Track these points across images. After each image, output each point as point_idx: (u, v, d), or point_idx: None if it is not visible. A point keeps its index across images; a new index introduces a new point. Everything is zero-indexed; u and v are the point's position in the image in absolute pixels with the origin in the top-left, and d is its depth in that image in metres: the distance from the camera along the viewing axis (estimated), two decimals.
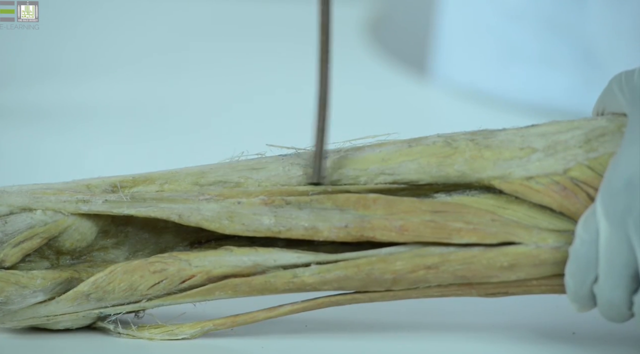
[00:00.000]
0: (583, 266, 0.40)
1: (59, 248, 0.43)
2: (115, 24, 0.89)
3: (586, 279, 0.41)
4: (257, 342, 0.45)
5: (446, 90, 0.75)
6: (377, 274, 0.43)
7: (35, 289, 0.42)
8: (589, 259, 0.40)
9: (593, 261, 0.40)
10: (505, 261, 0.42)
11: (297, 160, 0.44)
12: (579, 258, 0.41)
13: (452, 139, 0.43)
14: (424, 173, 0.43)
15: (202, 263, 0.43)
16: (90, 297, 0.43)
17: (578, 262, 0.41)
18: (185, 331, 0.44)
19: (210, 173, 0.45)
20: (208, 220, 0.43)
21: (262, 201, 0.43)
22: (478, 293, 0.43)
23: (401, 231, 0.42)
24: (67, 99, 0.71)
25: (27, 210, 0.43)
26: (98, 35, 0.86)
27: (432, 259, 0.42)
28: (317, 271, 0.43)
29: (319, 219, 0.43)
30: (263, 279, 0.43)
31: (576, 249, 0.41)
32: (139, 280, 0.43)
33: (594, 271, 0.41)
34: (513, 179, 0.43)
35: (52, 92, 0.72)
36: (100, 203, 0.43)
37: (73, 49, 0.82)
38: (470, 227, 0.42)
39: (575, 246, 0.41)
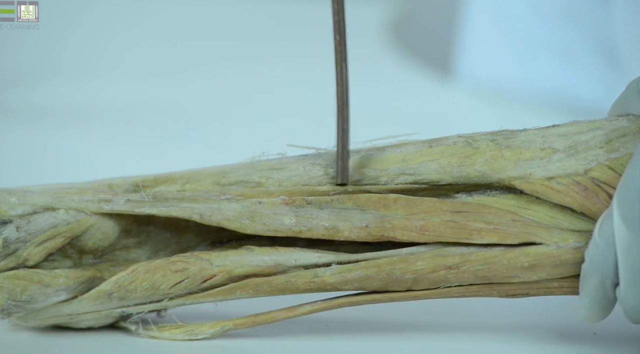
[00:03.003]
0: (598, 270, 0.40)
1: (82, 247, 0.44)
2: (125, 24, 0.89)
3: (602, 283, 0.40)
4: (278, 342, 0.45)
5: (468, 89, 0.75)
6: (398, 274, 0.43)
7: (58, 288, 0.43)
8: (605, 264, 0.40)
9: (609, 265, 0.40)
10: (526, 262, 0.42)
11: (318, 160, 0.44)
12: (594, 262, 0.40)
13: (473, 140, 0.43)
14: (445, 173, 0.43)
15: (224, 263, 0.43)
16: (113, 296, 0.43)
17: (592, 266, 0.40)
18: (205, 331, 0.44)
19: (231, 173, 0.45)
20: (229, 220, 0.43)
21: (283, 201, 0.43)
22: (499, 294, 0.43)
23: (422, 231, 0.42)
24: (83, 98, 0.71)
25: (50, 209, 0.43)
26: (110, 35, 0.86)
27: (453, 260, 0.42)
28: (338, 271, 0.43)
29: (340, 219, 0.43)
30: (284, 278, 0.43)
31: (591, 253, 0.41)
32: (161, 279, 0.43)
33: (611, 276, 0.40)
34: (534, 179, 0.42)
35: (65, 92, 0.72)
36: (123, 203, 0.43)
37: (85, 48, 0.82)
38: (490, 228, 0.42)
39: (589, 250, 0.41)
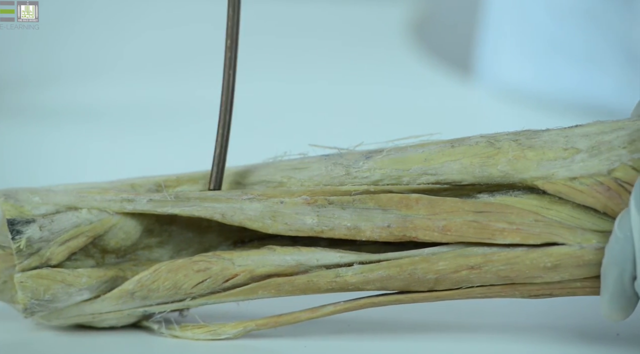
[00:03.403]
0: (617, 264, 0.40)
1: (104, 247, 0.44)
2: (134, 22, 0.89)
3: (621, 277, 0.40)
4: (300, 342, 0.45)
5: (491, 90, 0.74)
6: (420, 274, 0.43)
7: (80, 288, 0.43)
8: (623, 257, 0.40)
9: (628, 258, 0.40)
10: (548, 262, 0.42)
11: (340, 160, 0.44)
12: (613, 256, 0.40)
13: (495, 140, 0.43)
14: (467, 173, 0.43)
15: (246, 262, 0.43)
16: (135, 295, 0.43)
17: (612, 259, 0.40)
18: (227, 331, 0.44)
19: (253, 173, 0.45)
20: (251, 219, 0.43)
21: (304, 200, 0.43)
22: (521, 294, 0.43)
23: (444, 231, 0.42)
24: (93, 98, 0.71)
25: (73, 209, 0.43)
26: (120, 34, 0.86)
27: (475, 260, 0.42)
28: (359, 271, 0.43)
29: (362, 219, 0.43)
30: (306, 278, 0.43)
31: (610, 247, 0.40)
32: (183, 279, 0.43)
33: (630, 270, 0.40)
34: (556, 179, 0.42)
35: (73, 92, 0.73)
36: (145, 202, 0.43)
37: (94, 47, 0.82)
38: (513, 228, 0.42)
39: (609, 244, 0.41)
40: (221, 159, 0.43)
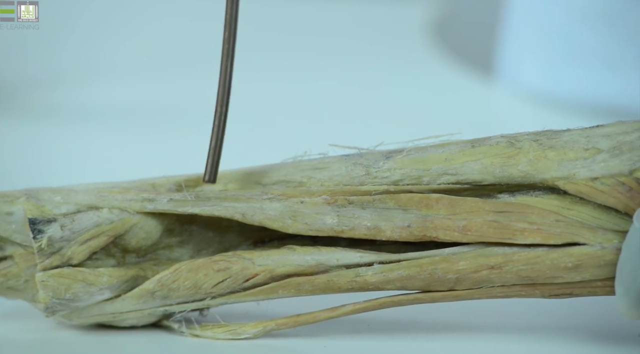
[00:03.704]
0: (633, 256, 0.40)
1: (125, 246, 0.44)
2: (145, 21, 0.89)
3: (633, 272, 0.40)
4: (319, 342, 0.45)
5: (511, 91, 0.74)
6: (440, 274, 0.43)
7: (101, 287, 0.43)
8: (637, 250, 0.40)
9: None
10: (569, 262, 0.42)
11: (360, 160, 0.44)
12: (630, 248, 0.40)
13: (516, 140, 0.43)
14: (487, 173, 0.43)
15: (266, 262, 0.43)
16: (156, 295, 0.43)
17: (628, 252, 0.40)
18: (247, 331, 0.44)
19: (273, 172, 0.45)
20: (271, 219, 0.43)
21: (324, 200, 0.43)
22: (542, 294, 0.43)
23: (464, 231, 0.42)
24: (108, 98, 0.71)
25: (93, 208, 0.43)
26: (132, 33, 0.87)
27: (496, 260, 0.42)
28: (379, 271, 0.43)
29: (382, 219, 0.43)
30: (326, 278, 0.43)
31: (628, 240, 0.40)
32: (203, 278, 0.43)
33: None
34: (578, 179, 0.42)
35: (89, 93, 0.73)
36: (165, 202, 0.43)
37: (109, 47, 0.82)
38: (534, 228, 0.42)
39: (627, 238, 0.40)
40: (217, 151, 0.42)
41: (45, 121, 0.69)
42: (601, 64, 0.73)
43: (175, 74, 0.78)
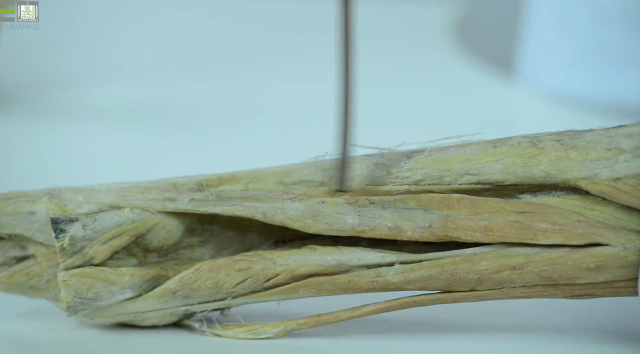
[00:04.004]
0: None
1: (147, 246, 0.44)
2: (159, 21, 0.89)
3: None
4: (340, 341, 0.45)
5: (533, 91, 0.74)
6: (462, 274, 0.42)
7: (123, 286, 0.43)
8: None
9: None
10: (591, 263, 0.42)
11: (381, 160, 0.44)
12: None
13: (538, 140, 0.43)
14: (509, 173, 0.43)
15: (287, 262, 0.43)
16: (177, 294, 0.43)
17: None
18: (268, 331, 0.44)
19: (294, 172, 0.45)
20: (292, 219, 0.43)
21: (346, 200, 0.43)
22: (563, 295, 0.43)
23: (486, 231, 0.42)
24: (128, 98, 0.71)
25: (115, 208, 0.44)
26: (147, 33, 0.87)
27: (517, 260, 0.42)
28: (400, 271, 0.43)
29: (403, 219, 0.43)
30: (347, 278, 0.43)
31: None
32: (225, 278, 0.43)
33: None
34: (600, 180, 0.42)
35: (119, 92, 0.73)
36: (187, 202, 0.43)
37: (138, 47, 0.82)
38: (555, 228, 0.42)
39: None
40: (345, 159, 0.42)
41: (55, 120, 0.69)
42: (623, 63, 0.73)
43: (184, 74, 0.78)
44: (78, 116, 0.69)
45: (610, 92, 0.72)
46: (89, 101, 0.72)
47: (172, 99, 0.73)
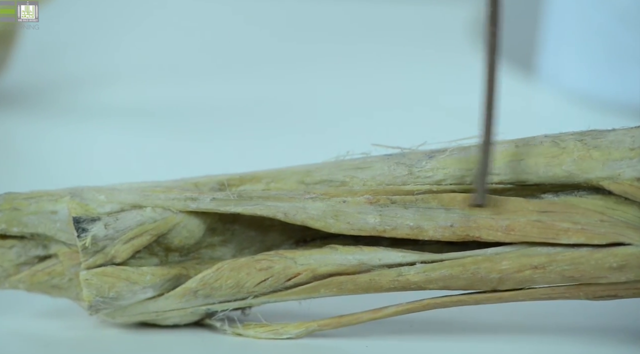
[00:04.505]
0: None
1: (168, 245, 0.44)
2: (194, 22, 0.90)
3: None
4: (361, 342, 0.45)
5: (553, 91, 0.74)
6: (483, 273, 0.42)
7: (145, 286, 0.43)
8: None
9: None
10: (614, 262, 0.42)
11: (403, 159, 0.44)
12: None
13: (560, 140, 0.43)
14: (531, 173, 0.43)
15: (308, 261, 0.43)
16: (198, 294, 0.43)
17: None
18: (290, 331, 0.44)
19: (315, 172, 0.45)
20: (313, 218, 0.43)
21: (367, 199, 0.43)
22: (586, 295, 0.42)
23: (507, 230, 0.42)
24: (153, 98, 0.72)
25: (137, 207, 0.44)
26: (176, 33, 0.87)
27: (539, 259, 0.42)
28: (422, 270, 0.43)
29: (424, 219, 0.43)
30: (368, 277, 0.43)
31: None
32: (246, 277, 0.43)
33: None
34: (623, 179, 0.42)
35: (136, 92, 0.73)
36: (208, 201, 0.43)
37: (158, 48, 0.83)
38: (578, 228, 0.42)
39: None
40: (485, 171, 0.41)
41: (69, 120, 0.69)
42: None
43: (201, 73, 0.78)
44: (92, 116, 0.70)
45: (632, 92, 0.72)
46: (103, 101, 0.72)
47: (188, 99, 0.73)
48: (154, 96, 0.75)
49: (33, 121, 0.70)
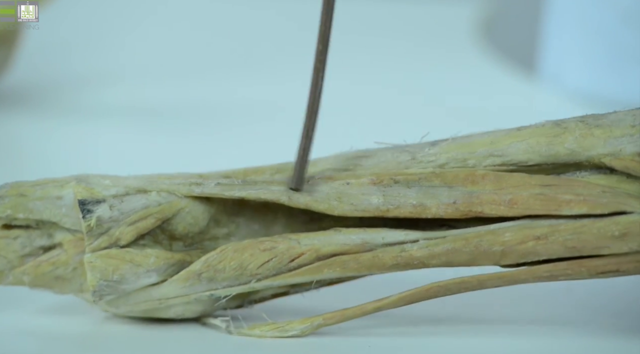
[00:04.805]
0: None
1: (172, 232, 0.44)
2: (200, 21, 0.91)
3: None
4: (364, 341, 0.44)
5: (555, 91, 0.74)
6: (486, 246, 0.42)
7: (149, 268, 0.43)
8: None
9: None
10: (616, 230, 0.41)
11: (406, 148, 0.45)
12: None
13: (562, 122, 0.44)
14: (533, 152, 0.43)
15: (312, 242, 0.43)
16: (202, 277, 0.43)
17: None
18: (295, 327, 0.44)
19: (319, 162, 0.45)
20: (317, 201, 0.43)
21: (370, 181, 0.43)
22: (588, 271, 0.42)
23: (510, 204, 0.42)
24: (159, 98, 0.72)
25: (142, 192, 0.44)
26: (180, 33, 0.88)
27: (542, 230, 0.42)
28: (425, 245, 0.42)
29: (427, 197, 0.43)
30: (371, 255, 0.43)
31: None
32: (249, 258, 0.43)
33: None
34: (624, 155, 0.42)
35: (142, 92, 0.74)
36: (213, 186, 0.44)
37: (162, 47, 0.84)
38: (580, 199, 0.42)
39: None
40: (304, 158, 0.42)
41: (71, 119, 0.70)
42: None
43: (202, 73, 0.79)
44: (95, 115, 0.70)
45: (633, 91, 0.73)
46: (106, 100, 0.73)
47: (191, 98, 0.73)
48: (157, 95, 0.76)
49: (36, 120, 0.70)
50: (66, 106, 0.72)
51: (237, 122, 0.70)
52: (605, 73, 0.74)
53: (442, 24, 0.86)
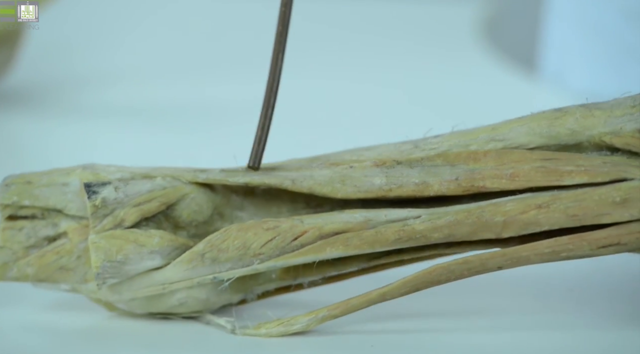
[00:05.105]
0: None
1: (177, 219, 0.45)
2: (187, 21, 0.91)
3: None
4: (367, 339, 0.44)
5: (556, 89, 0.74)
6: (488, 216, 0.42)
7: (152, 249, 0.43)
8: None
9: None
10: (617, 196, 0.42)
11: (409, 140, 0.45)
12: None
13: (563, 107, 0.44)
14: (534, 134, 0.44)
15: (314, 221, 0.43)
16: (205, 257, 0.43)
17: None
18: (300, 320, 0.44)
19: (323, 157, 0.46)
20: (320, 184, 0.44)
21: (373, 163, 0.44)
22: (589, 245, 0.42)
23: (512, 177, 0.43)
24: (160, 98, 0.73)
25: (147, 177, 0.45)
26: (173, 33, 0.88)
27: (543, 199, 0.42)
28: (427, 219, 0.43)
29: (430, 175, 0.43)
30: (374, 231, 0.43)
31: None
32: (253, 238, 0.43)
33: None
34: (625, 132, 0.43)
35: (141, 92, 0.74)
36: (217, 172, 0.44)
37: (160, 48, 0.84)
38: (581, 169, 0.42)
39: None
40: (263, 138, 0.43)
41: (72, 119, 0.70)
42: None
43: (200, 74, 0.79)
44: (96, 115, 0.71)
45: (635, 91, 0.72)
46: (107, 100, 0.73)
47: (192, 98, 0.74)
48: (158, 95, 0.76)
49: (37, 120, 0.71)
50: (67, 106, 0.73)
51: (237, 121, 0.70)
52: (607, 72, 0.75)
53: (444, 23, 0.88)
